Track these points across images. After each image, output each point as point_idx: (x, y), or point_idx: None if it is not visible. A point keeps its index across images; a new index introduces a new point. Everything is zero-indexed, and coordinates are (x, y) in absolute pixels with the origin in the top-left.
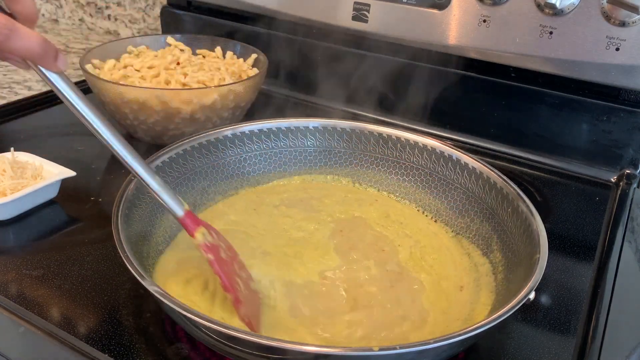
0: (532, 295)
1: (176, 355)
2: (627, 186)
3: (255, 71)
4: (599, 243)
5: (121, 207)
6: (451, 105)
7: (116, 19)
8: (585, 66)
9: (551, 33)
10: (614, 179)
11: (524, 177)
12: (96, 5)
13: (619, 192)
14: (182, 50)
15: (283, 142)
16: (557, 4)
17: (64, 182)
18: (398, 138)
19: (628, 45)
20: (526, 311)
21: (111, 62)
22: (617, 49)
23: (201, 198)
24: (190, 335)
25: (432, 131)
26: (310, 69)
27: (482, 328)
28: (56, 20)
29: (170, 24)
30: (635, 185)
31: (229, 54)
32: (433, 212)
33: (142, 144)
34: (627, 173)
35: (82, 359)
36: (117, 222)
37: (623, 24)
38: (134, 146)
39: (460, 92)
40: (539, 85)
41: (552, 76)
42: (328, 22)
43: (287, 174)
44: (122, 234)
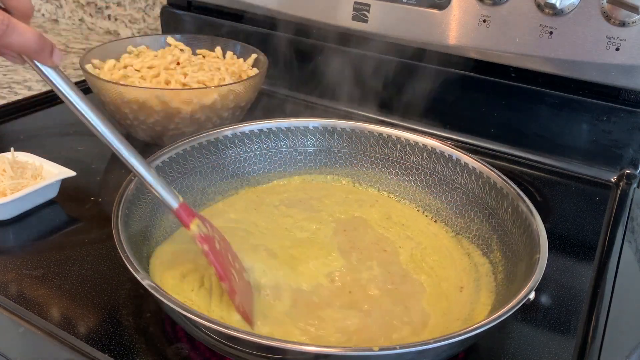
0: (532, 295)
1: (176, 355)
2: (627, 186)
3: (255, 71)
4: (599, 243)
5: (121, 207)
6: (451, 105)
7: (116, 19)
8: (585, 66)
9: (551, 33)
10: (614, 179)
11: (524, 177)
12: (96, 5)
13: (619, 192)
14: (182, 50)
15: (283, 142)
16: (557, 4)
17: (64, 182)
18: (398, 138)
19: (628, 45)
20: (526, 311)
21: (111, 62)
22: (617, 49)
23: (201, 198)
24: (190, 335)
25: (432, 131)
26: (310, 69)
27: (482, 328)
28: (56, 20)
29: (170, 24)
30: (635, 185)
31: (229, 54)
32: (433, 212)
33: (142, 144)
34: (627, 173)
35: (82, 359)
36: (117, 222)
37: (623, 24)
38: (134, 146)
39: (460, 92)
40: (539, 85)
41: (552, 76)
42: (328, 22)
43: (287, 174)
44: (122, 234)
